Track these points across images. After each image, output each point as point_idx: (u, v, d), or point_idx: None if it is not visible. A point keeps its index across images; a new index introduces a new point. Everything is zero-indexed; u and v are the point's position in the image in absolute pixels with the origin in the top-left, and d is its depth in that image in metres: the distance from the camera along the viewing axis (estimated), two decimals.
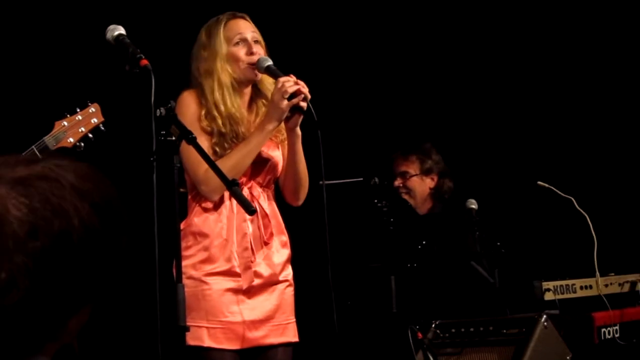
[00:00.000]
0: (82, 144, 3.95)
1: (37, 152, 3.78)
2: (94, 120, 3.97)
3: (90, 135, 3.97)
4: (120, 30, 3.50)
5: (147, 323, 3.32)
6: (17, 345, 1.41)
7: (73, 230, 1.39)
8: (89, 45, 4.75)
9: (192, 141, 3.29)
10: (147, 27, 4.97)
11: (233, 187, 3.31)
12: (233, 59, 3.90)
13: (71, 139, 3.92)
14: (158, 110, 3.28)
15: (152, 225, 3.15)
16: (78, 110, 3.96)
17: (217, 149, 3.85)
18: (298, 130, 3.88)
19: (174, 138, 3.28)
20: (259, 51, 3.92)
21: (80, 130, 3.94)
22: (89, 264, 1.42)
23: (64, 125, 3.92)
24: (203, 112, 3.88)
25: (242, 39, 3.92)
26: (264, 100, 3.99)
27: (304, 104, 3.77)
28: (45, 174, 1.42)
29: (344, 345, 3.89)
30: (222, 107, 3.86)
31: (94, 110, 3.97)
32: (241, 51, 3.91)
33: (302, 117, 3.81)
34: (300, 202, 4.04)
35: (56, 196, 1.39)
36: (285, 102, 3.73)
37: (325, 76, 6.10)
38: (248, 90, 4.00)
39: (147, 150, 3.25)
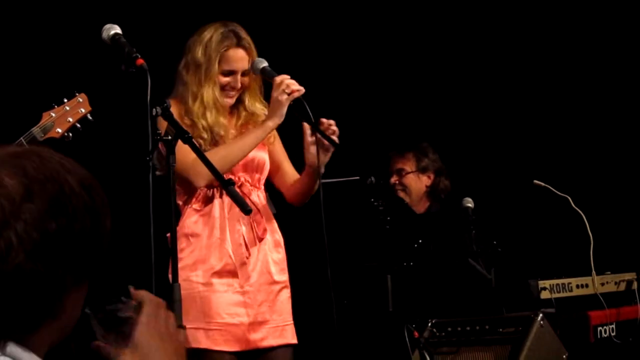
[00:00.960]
0: (70, 135, 3.93)
1: (25, 144, 3.77)
2: (82, 110, 3.95)
3: (79, 126, 3.95)
4: (116, 29, 3.49)
5: None
6: (16, 317, 1.42)
7: (65, 197, 1.43)
8: (84, 43, 4.75)
9: (188, 140, 3.29)
10: (143, 26, 4.96)
11: (229, 186, 3.31)
12: (217, 87, 3.91)
13: (59, 130, 3.91)
14: (154, 109, 3.27)
15: (148, 225, 3.14)
16: (65, 100, 3.95)
17: (201, 142, 3.86)
18: (322, 169, 3.92)
19: (169, 137, 3.28)
20: (244, 82, 3.94)
21: (68, 120, 3.92)
22: (81, 233, 1.44)
23: (52, 116, 3.91)
24: (183, 111, 3.89)
25: (231, 71, 3.92)
26: (245, 106, 4.01)
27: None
28: (34, 151, 1.47)
29: (340, 344, 3.89)
30: (203, 120, 3.88)
31: (81, 100, 3.96)
32: (224, 80, 3.92)
33: (332, 150, 3.85)
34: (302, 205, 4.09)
35: (47, 167, 1.44)
36: (286, 96, 3.74)
37: (322, 75, 6.09)
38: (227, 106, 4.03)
39: (143, 150, 3.24)
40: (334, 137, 3.84)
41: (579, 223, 5.07)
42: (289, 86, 3.75)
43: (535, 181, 5.30)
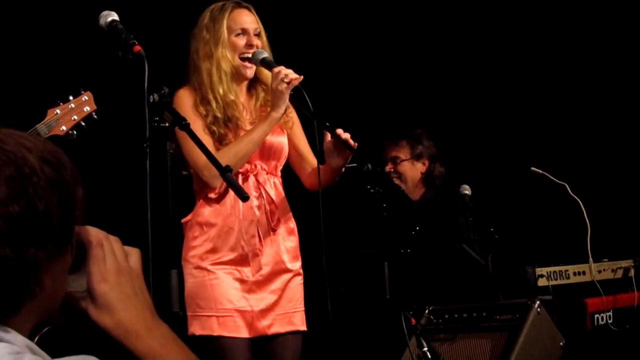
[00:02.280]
0: (75, 132, 3.94)
1: None
2: (87, 109, 3.96)
3: (83, 124, 3.96)
4: (114, 16, 3.48)
5: None
6: None
7: (25, 177, 1.40)
8: (82, 32, 4.73)
9: (186, 127, 3.29)
10: (140, 12, 4.95)
11: (226, 173, 3.31)
12: (233, 48, 3.91)
13: (64, 127, 3.92)
14: (151, 96, 3.27)
15: (145, 211, 3.14)
16: (71, 98, 3.96)
17: (215, 129, 3.85)
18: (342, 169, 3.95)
19: (167, 124, 3.28)
20: (258, 44, 3.94)
21: (72, 118, 3.93)
22: (48, 210, 1.41)
23: (57, 113, 3.92)
24: (198, 99, 3.89)
25: (243, 30, 3.93)
26: (263, 86, 4.02)
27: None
28: None
29: (337, 331, 3.90)
30: (219, 90, 3.88)
31: (86, 98, 3.97)
32: (241, 41, 3.92)
33: (350, 154, 3.87)
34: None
35: (3, 150, 1.41)
36: (284, 84, 3.75)
37: (319, 64, 6.08)
38: (245, 81, 4.02)
39: (140, 137, 3.24)
40: (350, 141, 3.86)
41: (576, 210, 5.07)
42: (287, 75, 3.76)
43: (533, 168, 5.29)
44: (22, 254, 1.39)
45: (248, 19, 3.97)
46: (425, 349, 4.06)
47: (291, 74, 3.77)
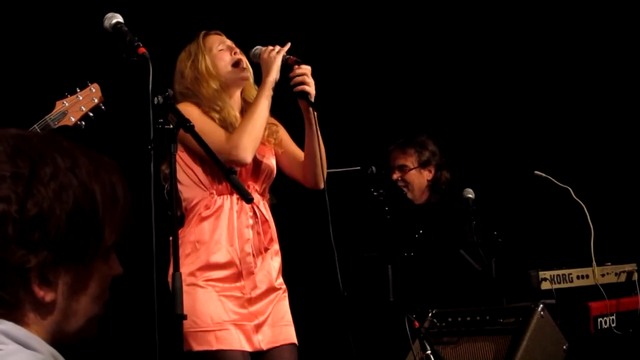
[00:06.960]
0: (83, 123, 3.98)
1: (39, 131, 3.79)
2: (95, 100, 4.00)
3: (91, 114, 4.00)
4: (118, 18, 3.49)
5: (144, 314, 3.31)
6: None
7: (22, 175, 1.40)
8: (89, 31, 4.74)
9: (190, 129, 3.29)
10: (145, 14, 4.95)
11: (230, 175, 3.31)
12: (218, 61, 3.94)
13: (72, 118, 3.96)
14: (156, 98, 3.27)
15: (149, 214, 3.14)
16: (78, 90, 4.00)
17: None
18: (311, 110, 3.91)
19: (171, 126, 3.28)
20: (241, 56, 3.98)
21: (81, 109, 3.97)
22: (52, 205, 1.41)
23: (65, 105, 3.96)
24: (202, 110, 3.90)
25: (222, 44, 3.97)
26: (245, 94, 4.05)
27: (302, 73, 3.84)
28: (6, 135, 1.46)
29: (340, 334, 3.90)
30: (219, 103, 3.89)
31: (94, 90, 4.01)
32: (225, 54, 3.95)
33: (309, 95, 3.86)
34: (322, 185, 4.01)
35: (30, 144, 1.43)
36: (274, 53, 3.79)
37: (324, 67, 6.08)
38: (237, 97, 4.02)
39: (144, 139, 3.24)
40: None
41: (580, 214, 5.07)
42: (275, 47, 3.81)
43: (536, 172, 5.30)
44: (6, 254, 1.38)
45: (220, 39, 4.03)
46: (429, 352, 4.07)
47: (277, 47, 3.85)
